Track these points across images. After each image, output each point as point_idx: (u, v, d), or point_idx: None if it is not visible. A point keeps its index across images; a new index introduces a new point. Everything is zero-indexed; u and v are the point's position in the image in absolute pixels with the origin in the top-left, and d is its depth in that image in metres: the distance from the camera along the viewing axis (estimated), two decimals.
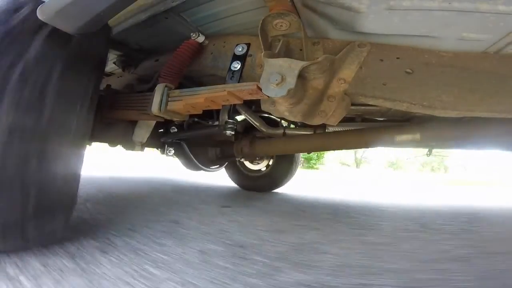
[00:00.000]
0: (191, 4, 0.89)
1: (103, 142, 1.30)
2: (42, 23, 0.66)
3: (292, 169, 2.38)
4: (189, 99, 0.87)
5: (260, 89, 0.74)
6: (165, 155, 1.55)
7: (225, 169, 2.51)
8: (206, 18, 0.96)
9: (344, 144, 1.41)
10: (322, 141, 1.49)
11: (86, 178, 2.36)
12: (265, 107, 0.90)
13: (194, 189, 2.37)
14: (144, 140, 1.34)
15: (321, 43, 0.87)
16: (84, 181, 0.97)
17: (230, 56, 0.97)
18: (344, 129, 1.55)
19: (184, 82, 1.10)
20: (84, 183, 2.00)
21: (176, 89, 0.95)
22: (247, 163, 2.44)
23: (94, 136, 1.20)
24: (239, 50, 0.95)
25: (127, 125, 1.30)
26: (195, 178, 3.17)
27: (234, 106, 1.35)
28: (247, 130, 1.98)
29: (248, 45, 0.95)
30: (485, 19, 0.62)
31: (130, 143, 1.33)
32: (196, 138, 1.66)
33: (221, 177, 2.85)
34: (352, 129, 1.52)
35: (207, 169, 1.85)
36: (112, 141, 1.31)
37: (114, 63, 1.42)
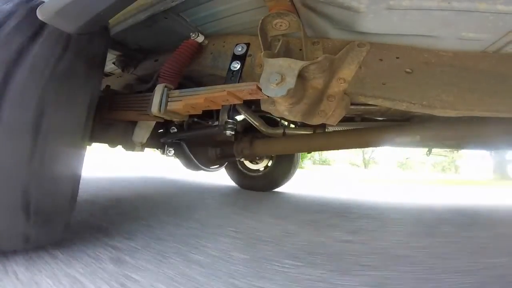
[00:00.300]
0: (191, 4, 0.89)
1: (103, 143, 1.30)
2: (42, 24, 0.66)
3: (292, 169, 2.38)
4: (189, 100, 0.87)
5: (260, 89, 0.74)
6: (165, 156, 1.55)
7: (225, 169, 2.51)
8: (206, 18, 0.96)
9: (344, 144, 1.41)
10: (322, 141, 1.49)
11: (96, 179, 2.37)
12: (265, 107, 0.90)
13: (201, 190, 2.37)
14: (144, 141, 1.34)
15: (321, 43, 0.87)
16: (93, 182, 0.96)
17: (230, 56, 0.97)
18: (344, 129, 1.56)
19: (184, 82, 1.10)
20: (93, 184, 2.01)
21: (176, 89, 0.94)
22: (247, 163, 2.44)
23: (94, 137, 1.19)
24: (239, 50, 0.95)
25: (127, 126, 1.30)
26: (198, 178, 3.17)
27: (234, 106, 1.35)
28: (247, 130, 1.98)
29: (248, 45, 0.95)
30: (484, 19, 0.62)
31: (130, 144, 1.33)
32: (196, 138, 1.66)
33: (221, 177, 2.84)
34: (352, 129, 1.52)
35: (207, 169, 1.85)
36: (112, 142, 1.31)
37: (114, 63, 1.42)
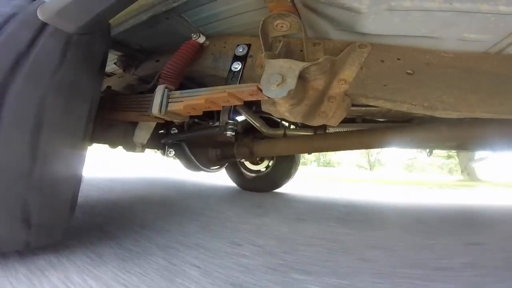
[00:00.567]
0: (192, 5, 0.89)
1: (104, 143, 1.30)
2: (43, 25, 0.66)
3: (292, 170, 2.37)
4: (190, 101, 0.87)
5: (261, 90, 0.73)
6: (166, 156, 1.55)
7: (225, 169, 2.50)
8: (207, 19, 0.96)
9: (345, 145, 1.41)
10: (323, 142, 1.49)
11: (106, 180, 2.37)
12: (266, 108, 0.90)
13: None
14: (145, 141, 1.34)
15: (322, 44, 0.86)
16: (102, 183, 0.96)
17: (231, 57, 0.97)
18: (345, 130, 1.55)
19: (186, 83, 1.10)
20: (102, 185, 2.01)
21: (177, 90, 0.94)
22: (248, 164, 2.44)
23: (95, 137, 1.19)
24: (240, 51, 0.95)
25: (128, 126, 1.30)
26: (197, 178, 3.17)
27: (235, 107, 1.35)
28: (248, 131, 1.98)
29: (249, 46, 0.95)
30: (486, 20, 0.62)
31: (131, 144, 1.33)
32: (197, 139, 1.66)
33: (220, 177, 2.84)
34: (353, 130, 1.52)
35: (208, 170, 1.85)
36: (113, 142, 1.31)
37: (115, 64, 1.42)
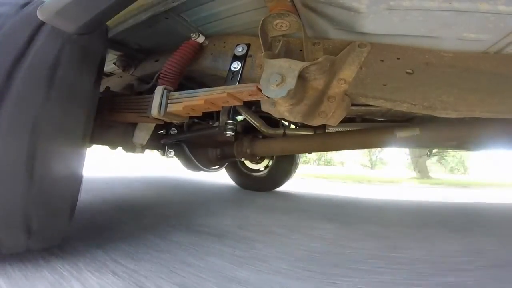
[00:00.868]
0: (192, 5, 0.89)
1: (103, 144, 1.29)
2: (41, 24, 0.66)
3: (292, 169, 2.38)
4: (189, 101, 0.86)
5: (260, 90, 0.73)
6: (166, 157, 1.55)
7: (225, 169, 2.51)
8: (206, 19, 0.96)
9: (345, 145, 1.41)
10: (322, 142, 1.49)
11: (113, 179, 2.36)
12: (265, 108, 0.89)
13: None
14: (144, 142, 1.34)
15: (321, 44, 0.86)
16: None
17: (230, 57, 0.96)
18: (345, 130, 1.55)
19: (186, 83, 1.09)
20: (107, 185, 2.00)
21: (176, 91, 0.94)
22: (248, 163, 2.44)
23: (94, 138, 1.19)
24: (239, 51, 0.95)
25: (127, 127, 1.29)
26: (197, 178, 3.17)
27: (234, 107, 1.35)
28: (247, 131, 1.98)
29: (248, 46, 0.95)
30: (486, 19, 0.62)
31: (130, 145, 1.33)
32: (196, 139, 1.66)
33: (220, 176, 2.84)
34: (353, 130, 1.52)
35: (208, 170, 1.85)
36: (112, 143, 1.30)
37: (114, 64, 1.42)
